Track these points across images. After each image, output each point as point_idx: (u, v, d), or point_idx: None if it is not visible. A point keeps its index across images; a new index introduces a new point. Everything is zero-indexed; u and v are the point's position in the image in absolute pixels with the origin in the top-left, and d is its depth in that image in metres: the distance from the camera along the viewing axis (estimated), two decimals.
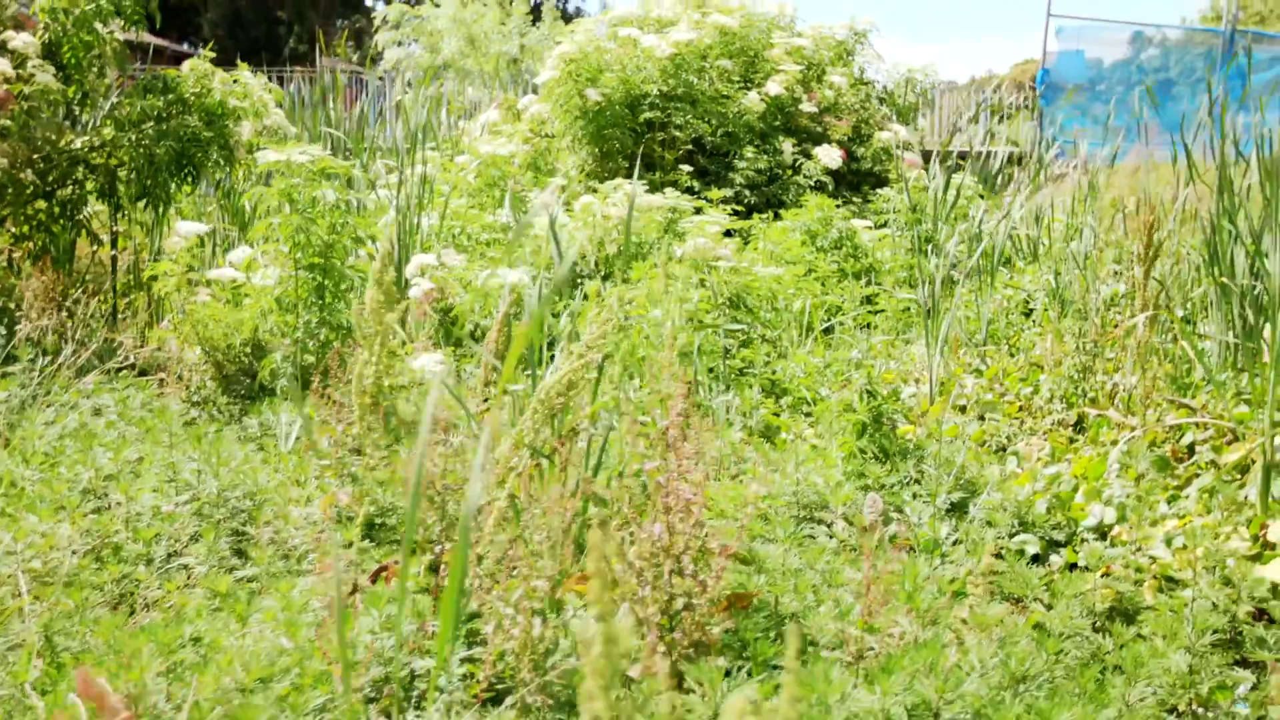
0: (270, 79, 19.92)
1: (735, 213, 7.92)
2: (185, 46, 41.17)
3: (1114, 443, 3.92)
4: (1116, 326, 5.15)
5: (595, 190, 7.17)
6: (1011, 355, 5.95)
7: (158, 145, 4.75)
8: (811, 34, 9.74)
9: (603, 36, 8.90)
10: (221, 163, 4.99)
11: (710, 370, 4.85)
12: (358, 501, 2.82)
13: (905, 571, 2.55)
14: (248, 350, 4.10)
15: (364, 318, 3.20)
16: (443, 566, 2.32)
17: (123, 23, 4.87)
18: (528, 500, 2.51)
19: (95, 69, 4.93)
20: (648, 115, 8.60)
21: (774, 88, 8.99)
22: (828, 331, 6.59)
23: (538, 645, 1.90)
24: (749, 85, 9.29)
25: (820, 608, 2.49)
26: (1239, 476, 3.60)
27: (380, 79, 23.03)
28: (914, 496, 3.52)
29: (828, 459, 3.74)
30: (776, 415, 4.82)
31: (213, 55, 5.24)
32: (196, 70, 5.03)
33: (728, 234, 7.69)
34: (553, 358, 4.89)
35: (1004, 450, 4.45)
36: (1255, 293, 4.22)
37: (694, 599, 1.95)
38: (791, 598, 2.58)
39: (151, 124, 4.80)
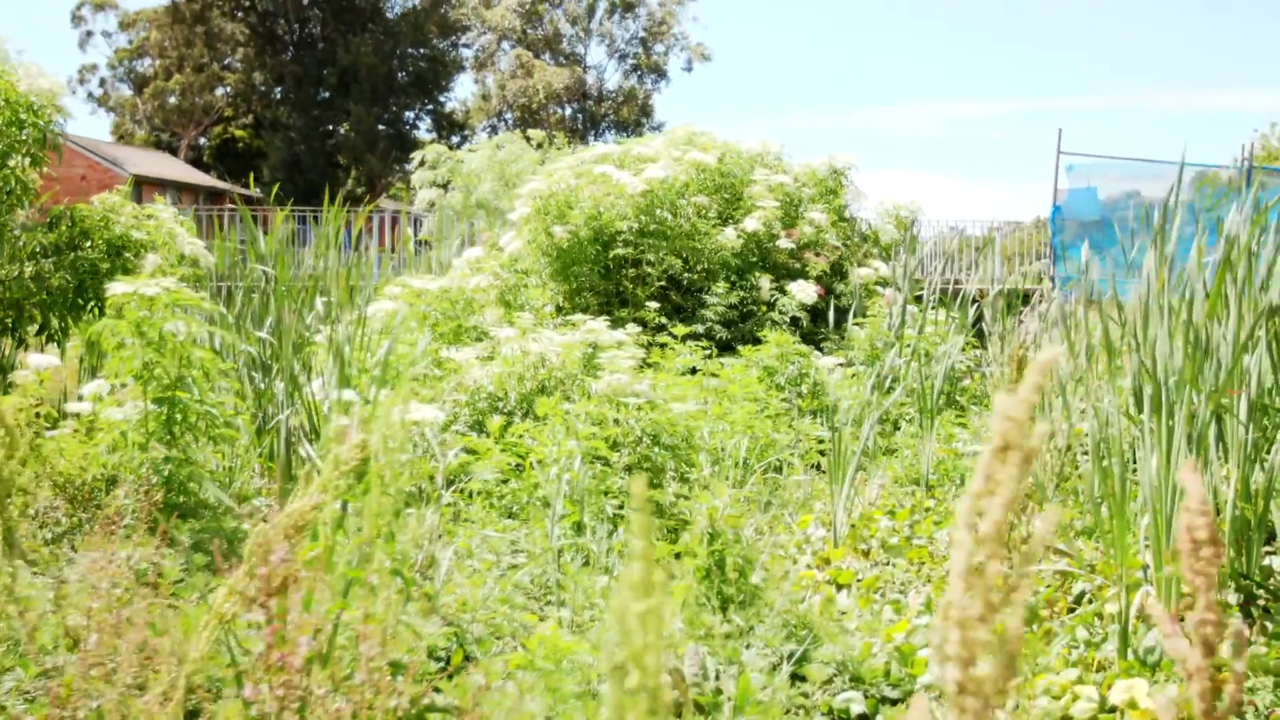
0: (307, 219, 20.49)
1: (705, 349, 7.79)
2: (258, 191, 42.48)
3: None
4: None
5: (567, 325, 7.08)
6: (958, 496, 5.71)
7: (54, 278, 4.74)
8: (798, 170, 9.70)
9: (575, 174, 8.92)
10: None
11: (599, 511, 4.65)
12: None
13: None
14: (102, 485, 4.00)
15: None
16: None
17: (29, 161, 4.93)
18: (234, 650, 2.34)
19: (5, 204, 4.97)
20: (620, 252, 8.55)
21: (752, 224, 8.93)
22: (777, 470, 6.37)
23: None
24: (727, 221, 9.24)
25: None
26: (1106, 631, 3.31)
27: (423, 216, 24.06)
28: (748, 648, 3.27)
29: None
30: (674, 557, 4.59)
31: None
32: (105, 203, 5.05)
33: (693, 371, 7.54)
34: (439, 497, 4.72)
35: (902, 597, 4.18)
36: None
37: None
38: None
39: (51, 258, 4.81)
